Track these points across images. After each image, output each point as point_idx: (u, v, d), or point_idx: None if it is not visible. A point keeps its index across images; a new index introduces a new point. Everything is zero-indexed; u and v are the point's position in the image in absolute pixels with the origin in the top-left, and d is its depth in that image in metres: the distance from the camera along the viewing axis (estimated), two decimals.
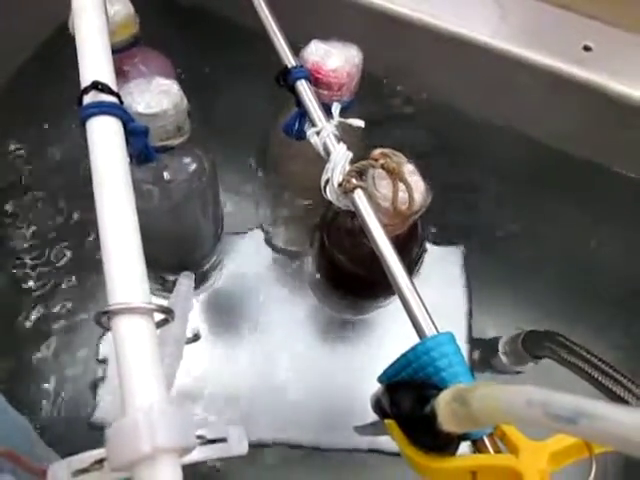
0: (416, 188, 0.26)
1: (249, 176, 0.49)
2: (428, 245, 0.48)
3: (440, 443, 0.20)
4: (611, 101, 0.44)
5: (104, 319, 0.18)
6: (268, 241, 0.49)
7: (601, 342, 0.45)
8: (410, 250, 0.33)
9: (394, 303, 0.34)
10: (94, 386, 0.42)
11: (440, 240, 0.49)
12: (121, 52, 0.35)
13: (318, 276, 0.38)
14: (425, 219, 0.29)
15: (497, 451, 0.21)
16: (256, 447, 0.40)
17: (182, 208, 0.33)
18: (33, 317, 0.44)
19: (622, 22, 0.46)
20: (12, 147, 0.50)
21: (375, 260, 0.25)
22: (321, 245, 0.35)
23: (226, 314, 0.46)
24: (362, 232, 0.30)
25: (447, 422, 0.18)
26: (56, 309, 0.45)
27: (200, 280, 0.42)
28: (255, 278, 0.47)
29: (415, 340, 0.23)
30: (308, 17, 0.46)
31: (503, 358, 0.44)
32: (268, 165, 0.41)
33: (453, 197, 0.50)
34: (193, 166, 0.31)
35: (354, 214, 0.29)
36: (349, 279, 0.34)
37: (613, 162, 0.50)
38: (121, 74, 0.36)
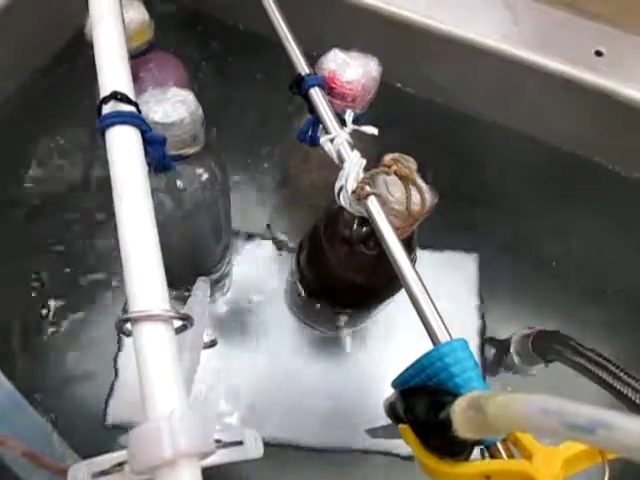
0: (423, 188, 0.27)
1: (261, 179, 0.50)
2: (440, 250, 0.49)
3: (454, 448, 0.20)
4: (623, 106, 0.44)
5: (125, 326, 0.19)
6: (274, 239, 0.49)
7: (612, 343, 0.45)
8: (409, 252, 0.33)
9: (400, 305, 0.34)
10: (111, 387, 0.43)
11: (453, 244, 0.49)
12: (136, 58, 0.36)
13: (304, 294, 0.38)
14: (438, 225, 0.30)
15: (510, 456, 0.21)
16: (269, 448, 0.40)
17: (194, 216, 0.33)
18: (51, 317, 0.45)
19: (634, 26, 0.46)
20: (28, 152, 0.51)
21: (371, 268, 0.25)
22: (314, 253, 0.35)
23: (236, 320, 0.46)
24: (360, 239, 0.31)
25: (463, 429, 0.18)
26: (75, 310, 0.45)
27: (213, 286, 0.42)
28: (266, 283, 0.47)
29: (425, 342, 0.23)
30: (319, 23, 0.46)
31: (515, 359, 0.44)
32: (282, 169, 0.41)
33: (464, 200, 0.51)
34: (206, 175, 0.31)
35: (352, 221, 0.30)
36: (342, 287, 0.34)
37: (624, 166, 0.50)
38: (136, 79, 0.37)
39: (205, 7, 0.57)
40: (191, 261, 0.39)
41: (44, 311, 0.45)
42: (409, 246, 0.32)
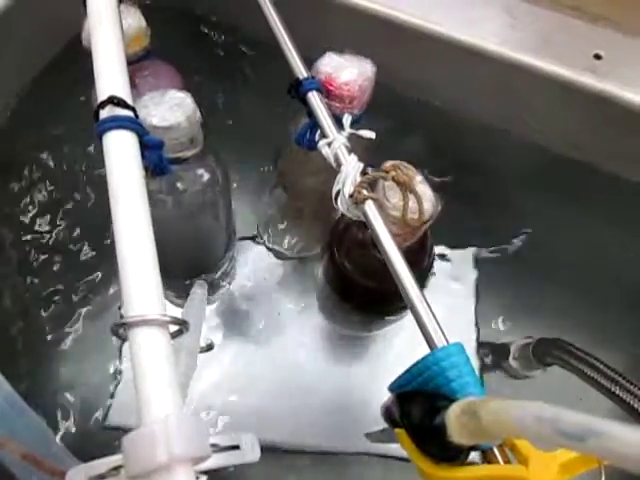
0: (425, 197, 0.27)
1: (261, 183, 0.50)
2: (442, 254, 0.49)
3: (450, 453, 0.20)
4: (622, 109, 0.44)
5: (121, 330, 0.19)
6: (270, 248, 0.49)
7: (611, 348, 0.45)
8: (421, 261, 0.33)
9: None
10: (112, 390, 0.43)
11: (451, 248, 0.49)
12: (132, 64, 0.36)
13: (328, 289, 0.38)
14: (436, 228, 0.30)
15: (507, 461, 0.21)
16: (267, 452, 0.40)
17: (195, 217, 0.34)
18: (52, 319, 0.45)
19: (633, 30, 0.46)
20: (28, 158, 0.51)
21: (385, 272, 0.25)
22: (331, 257, 0.35)
23: (237, 321, 0.46)
24: (373, 244, 0.31)
25: (457, 434, 0.18)
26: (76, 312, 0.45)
27: (212, 287, 0.42)
28: (266, 285, 0.47)
29: (425, 350, 0.23)
30: (318, 27, 0.46)
31: (513, 363, 0.44)
32: (280, 173, 0.42)
33: (464, 204, 0.50)
34: (206, 176, 0.32)
35: (365, 226, 0.30)
36: (359, 292, 0.34)
37: (624, 170, 0.50)
38: (132, 86, 0.37)
39: (202, 12, 0.57)
40: (193, 259, 0.40)
41: (45, 311, 0.45)
42: (422, 250, 0.32)
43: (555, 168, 0.52)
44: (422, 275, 0.34)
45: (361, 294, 0.35)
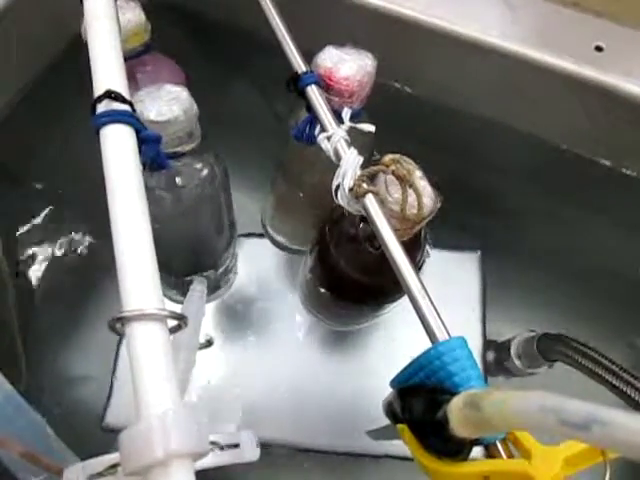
0: (425, 193, 0.27)
1: (262, 178, 0.50)
2: (447, 249, 0.49)
3: (452, 448, 0.20)
4: (624, 101, 0.44)
5: (118, 325, 0.19)
6: (273, 239, 0.49)
7: (616, 342, 0.45)
8: (413, 257, 0.33)
9: (403, 305, 0.34)
10: (110, 389, 0.42)
11: (454, 243, 0.49)
12: (132, 59, 0.36)
13: (317, 285, 0.38)
14: (440, 224, 0.29)
15: (510, 456, 0.21)
16: (266, 450, 0.40)
17: (194, 213, 0.33)
18: (52, 317, 0.45)
19: (634, 22, 0.46)
20: (29, 157, 0.51)
21: (378, 267, 0.25)
22: (323, 252, 0.35)
23: (237, 318, 0.46)
24: (366, 239, 0.31)
25: (459, 428, 0.18)
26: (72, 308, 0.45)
27: (213, 284, 0.42)
28: (266, 281, 0.47)
29: (425, 342, 0.23)
30: (317, 21, 0.46)
31: (517, 361, 0.44)
32: (279, 169, 0.41)
33: (465, 199, 0.50)
34: (204, 171, 0.31)
35: (358, 221, 0.30)
36: (351, 287, 0.34)
37: (625, 163, 0.50)
38: (133, 80, 0.37)
39: (201, 6, 0.57)
40: (194, 256, 0.39)
41: (44, 311, 0.45)
42: (415, 247, 0.32)
43: (556, 161, 0.51)
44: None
45: (353, 289, 0.35)
